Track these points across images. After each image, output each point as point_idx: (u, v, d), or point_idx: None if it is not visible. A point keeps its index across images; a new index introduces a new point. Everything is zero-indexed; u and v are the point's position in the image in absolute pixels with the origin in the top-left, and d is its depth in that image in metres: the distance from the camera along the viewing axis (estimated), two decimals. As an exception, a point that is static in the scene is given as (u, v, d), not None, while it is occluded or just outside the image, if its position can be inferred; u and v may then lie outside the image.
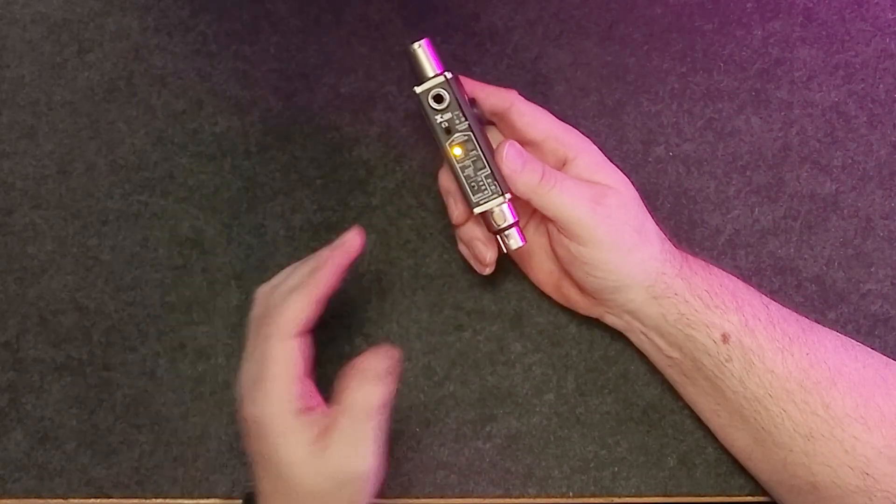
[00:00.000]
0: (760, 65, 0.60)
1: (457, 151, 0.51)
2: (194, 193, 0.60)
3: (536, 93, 0.60)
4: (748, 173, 0.59)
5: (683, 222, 0.59)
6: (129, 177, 0.60)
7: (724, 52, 0.60)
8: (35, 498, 0.58)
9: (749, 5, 0.60)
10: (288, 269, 0.52)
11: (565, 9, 0.60)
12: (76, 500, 0.58)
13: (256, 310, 0.51)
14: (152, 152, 0.60)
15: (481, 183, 0.51)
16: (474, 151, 0.51)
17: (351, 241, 0.51)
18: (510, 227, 0.52)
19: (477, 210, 0.51)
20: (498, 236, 0.53)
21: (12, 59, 0.61)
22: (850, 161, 0.59)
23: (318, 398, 0.50)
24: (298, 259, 0.59)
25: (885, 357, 0.52)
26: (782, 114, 0.60)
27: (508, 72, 0.60)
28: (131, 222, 0.60)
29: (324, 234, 0.59)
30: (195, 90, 0.61)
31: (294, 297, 0.49)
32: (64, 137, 0.60)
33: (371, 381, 0.47)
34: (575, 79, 0.60)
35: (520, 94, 0.53)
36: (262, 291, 0.52)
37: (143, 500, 0.58)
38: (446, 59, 0.51)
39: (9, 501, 0.58)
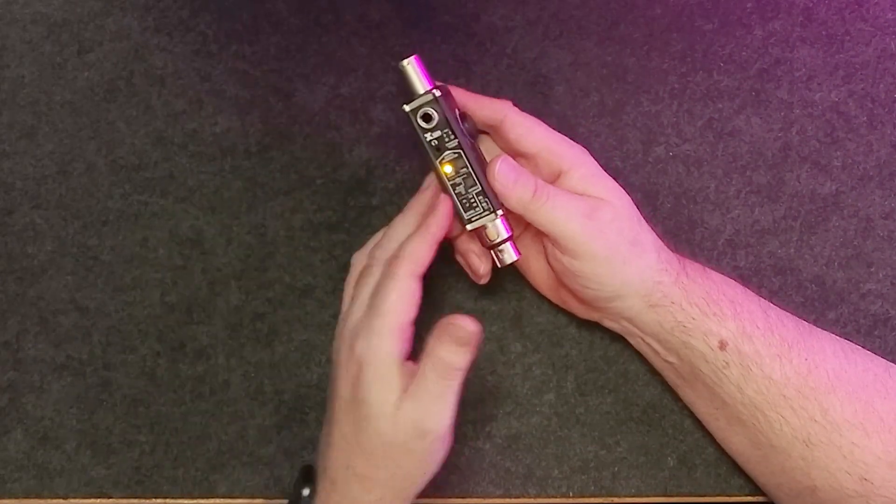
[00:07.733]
0: (760, 65, 0.60)
1: (447, 169, 0.51)
2: (194, 193, 0.60)
3: (536, 93, 0.60)
4: (748, 173, 0.59)
5: (683, 222, 0.59)
6: (129, 177, 0.60)
7: (724, 52, 0.60)
8: (35, 498, 0.58)
9: (749, 5, 0.60)
10: (380, 233, 0.53)
11: (565, 9, 0.60)
12: (76, 500, 0.58)
13: (356, 268, 0.53)
14: (152, 152, 0.60)
15: (472, 200, 0.51)
16: (465, 169, 0.51)
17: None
18: (503, 242, 0.52)
19: (469, 227, 0.52)
20: (492, 251, 0.53)
21: (12, 59, 0.61)
22: (850, 161, 0.59)
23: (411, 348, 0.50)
24: (298, 259, 0.59)
25: (885, 361, 0.52)
26: (782, 114, 0.60)
27: (508, 72, 0.60)
28: (131, 222, 0.60)
29: (324, 234, 0.59)
30: (195, 90, 0.61)
31: (416, 240, 0.50)
32: (64, 137, 0.60)
33: (456, 341, 0.47)
34: (575, 79, 0.60)
35: (517, 98, 0.53)
36: (359, 255, 0.53)
37: (143, 500, 0.58)
38: (437, 73, 0.52)
39: (9, 501, 0.58)
